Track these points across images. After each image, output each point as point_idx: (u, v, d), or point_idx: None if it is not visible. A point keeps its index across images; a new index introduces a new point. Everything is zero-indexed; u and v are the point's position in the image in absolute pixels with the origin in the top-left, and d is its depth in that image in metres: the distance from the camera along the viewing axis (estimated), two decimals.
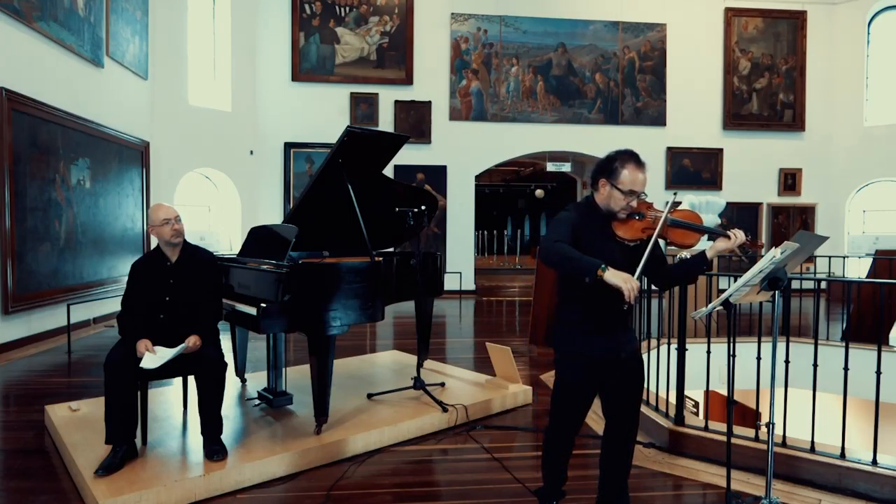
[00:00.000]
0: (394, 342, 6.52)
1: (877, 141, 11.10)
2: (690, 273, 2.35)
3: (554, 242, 2.10)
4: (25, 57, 5.96)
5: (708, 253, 2.26)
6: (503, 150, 11.11)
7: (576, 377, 2.31)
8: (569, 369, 2.33)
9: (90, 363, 5.37)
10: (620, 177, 2.19)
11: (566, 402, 2.37)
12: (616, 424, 2.39)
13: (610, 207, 2.24)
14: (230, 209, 10.11)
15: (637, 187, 2.19)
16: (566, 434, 2.40)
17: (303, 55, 10.41)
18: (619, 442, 2.39)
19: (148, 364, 2.82)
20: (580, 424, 2.40)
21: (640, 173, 2.20)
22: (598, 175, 2.26)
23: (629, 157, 2.21)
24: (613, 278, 1.98)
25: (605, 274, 1.99)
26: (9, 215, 5.64)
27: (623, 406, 2.36)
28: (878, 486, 2.75)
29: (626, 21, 11.10)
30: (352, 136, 3.40)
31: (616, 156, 2.24)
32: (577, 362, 2.29)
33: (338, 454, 3.16)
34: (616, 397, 2.35)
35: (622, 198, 2.19)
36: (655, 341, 4.11)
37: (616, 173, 2.20)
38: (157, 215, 3.01)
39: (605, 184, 2.23)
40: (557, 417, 2.41)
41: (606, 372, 2.30)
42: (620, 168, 2.20)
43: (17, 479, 2.91)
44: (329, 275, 3.26)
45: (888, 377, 3.12)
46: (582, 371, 2.29)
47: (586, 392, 2.34)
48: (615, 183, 2.20)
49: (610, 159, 2.24)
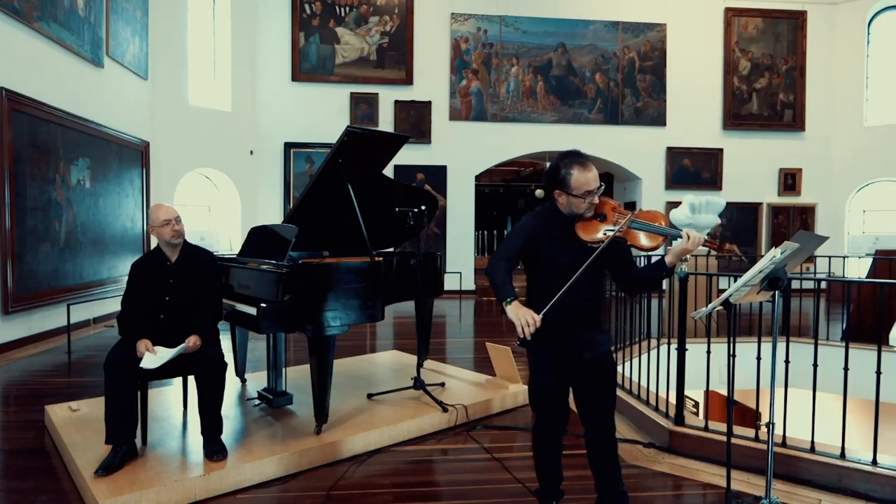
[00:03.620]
0: (394, 342, 6.52)
1: (877, 141, 11.10)
2: (650, 278, 2.32)
3: (497, 260, 2.19)
4: (25, 57, 5.96)
5: (667, 258, 2.20)
6: (503, 150, 11.11)
7: (543, 374, 2.32)
8: (537, 365, 2.34)
9: (90, 363, 5.37)
10: (571, 182, 2.16)
11: (539, 398, 2.38)
12: (589, 425, 2.37)
13: (573, 212, 2.22)
14: (230, 209, 10.11)
15: (590, 186, 2.16)
16: (548, 432, 2.40)
17: (303, 55, 10.41)
18: (597, 442, 2.37)
19: (148, 364, 2.82)
20: (562, 422, 2.38)
21: (588, 172, 2.17)
22: (551, 187, 2.24)
23: (571, 161, 2.18)
24: (510, 313, 2.06)
25: (508, 308, 2.06)
26: (9, 215, 5.64)
27: (593, 407, 2.34)
28: (878, 486, 2.75)
29: (626, 21, 11.10)
30: (352, 136, 3.40)
31: (559, 163, 2.21)
32: (543, 358, 2.30)
33: (338, 454, 3.16)
34: (584, 398, 2.35)
35: (580, 201, 2.18)
36: (655, 341, 4.11)
37: (565, 181, 2.18)
38: (157, 216, 3.01)
39: (561, 194, 2.21)
40: (536, 415, 2.44)
41: (572, 370, 2.29)
42: (567, 175, 2.17)
43: (17, 479, 2.91)
44: (329, 275, 3.26)
45: (888, 377, 3.12)
46: (548, 367, 2.30)
47: (556, 389, 2.33)
48: (568, 190, 2.18)
49: (555, 169, 2.22)
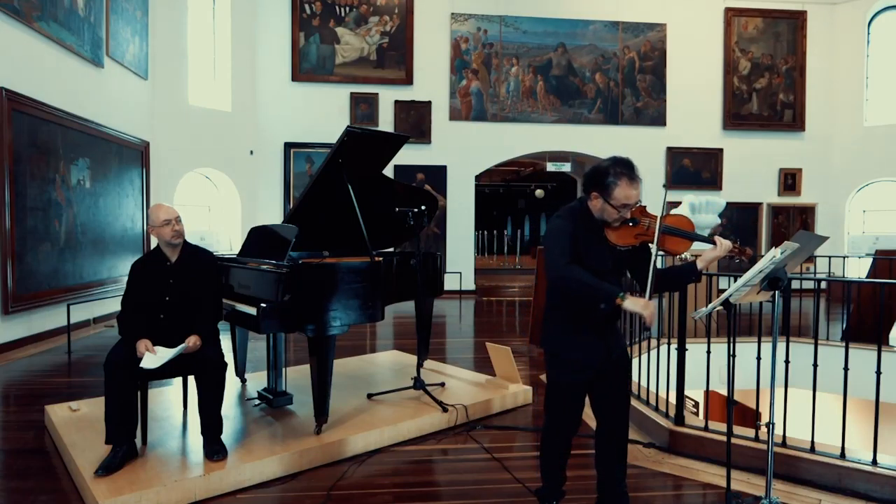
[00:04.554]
0: (394, 342, 6.52)
1: (877, 141, 11.10)
2: (680, 282, 2.36)
3: (566, 266, 2.09)
4: (25, 57, 5.96)
5: (699, 264, 2.24)
6: (503, 150, 11.11)
7: (566, 378, 2.32)
8: (559, 371, 2.34)
9: (90, 363, 5.37)
10: (614, 193, 2.13)
11: (558, 403, 2.38)
12: (608, 424, 2.39)
13: (603, 217, 2.22)
14: (230, 209, 10.11)
15: (630, 201, 2.15)
16: (562, 435, 2.41)
17: (303, 55, 10.41)
18: (612, 441, 2.39)
19: (148, 364, 2.82)
20: (576, 425, 2.40)
21: (634, 189, 2.13)
22: (591, 187, 2.20)
23: (622, 173, 2.13)
24: (633, 306, 2.04)
25: (625, 302, 2.03)
26: (9, 215, 5.64)
27: (614, 406, 2.36)
28: (878, 486, 2.75)
29: (626, 21, 11.10)
30: (351, 136, 3.40)
31: (609, 169, 2.15)
32: (566, 363, 2.29)
33: (338, 454, 3.16)
34: (607, 397, 2.36)
35: (615, 212, 2.17)
36: (655, 341, 4.11)
37: (609, 189, 2.14)
38: (157, 216, 3.01)
39: (598, 197, 2.18)
40: (551, 419, 2.41)
41: (597, 373, 2.30)
42: (613, 185, 2.13)
43: (17, 479, 2.91)
44: (329, 275, 3.26)
45: (888, 377, 3.12)
46: (572, 373, 2.29)
47: (577, 393, 2.34)
48: (608, 199, 2.15)
49: (603, 173, 2.16)
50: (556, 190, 22.13)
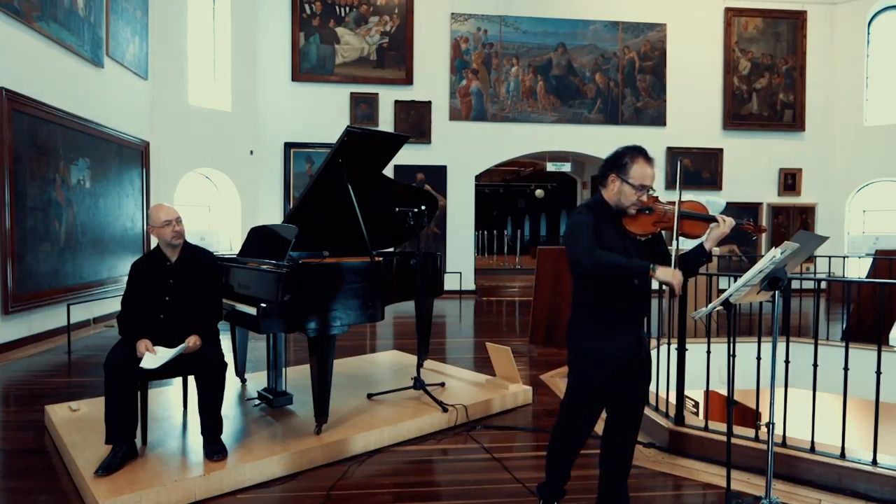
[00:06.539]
0: (394, 342, 6.52)
1: (877, 141, 11.10)
2: (694, 265, 2.37)
3: (593, 254, 2.12)
4: (25, 57, 5.96)
5: (707, 245, 2.30)
6: (503, 150, 11.11)
7: (594, 377, 2.29)
8: (588, 369, 2.30)
9: (90, 363, 5.37)
10: (631, 171, 2.22)
11: (582, 402, 2.36)
12: (622, 422, 2.39)
13: (620, 203, 2.26)
14: (230, 209, 10.11)
15: (647, 181, 2.23)
16: (580, 434, 2.40)
17: (303, 55, 10.41)
18: (622, 440, 2.39)
19: (148, 364, 2.82)
20: (594, 424, 2.40)
21: (649, 167, 2.24)
22: (608, 170, 2.28)
23: (638, 152, 2.25)
24: (664, 276, 2.09)
25: (657, 272, 2.08)
26: (9, 215, 5.64)
27: (632, 405, 2.38)
28: (878, 486, 2.75)
29: (626, 21, 11.10)
30: (351, 136, 3.40)
31: (625, 151, 2.27)
32: (599, 361, 2.27)
33: (338, 454, 3.16)
34: (627, 395, 2.36)
35: (633, 192, 2.22)
36: (655, 341, 4.11)
37: (626, 168, 2.23)
38: (157, 216, 3.01)
39: (616, 179, 2.25)
40: (572, 417, 2.39)
41: (623, 370, 2.30)
42: (630, 163, 2.22)
43: (17, 479, 2.91)
44: (329, 275, 3.26)
45: (888, 377, 3.12)
46: (602, 370, 2.28)
47: (605, 391, 2.33)
48: (625, 178, 2.22)
49: (619, 155, 2.27)
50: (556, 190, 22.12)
